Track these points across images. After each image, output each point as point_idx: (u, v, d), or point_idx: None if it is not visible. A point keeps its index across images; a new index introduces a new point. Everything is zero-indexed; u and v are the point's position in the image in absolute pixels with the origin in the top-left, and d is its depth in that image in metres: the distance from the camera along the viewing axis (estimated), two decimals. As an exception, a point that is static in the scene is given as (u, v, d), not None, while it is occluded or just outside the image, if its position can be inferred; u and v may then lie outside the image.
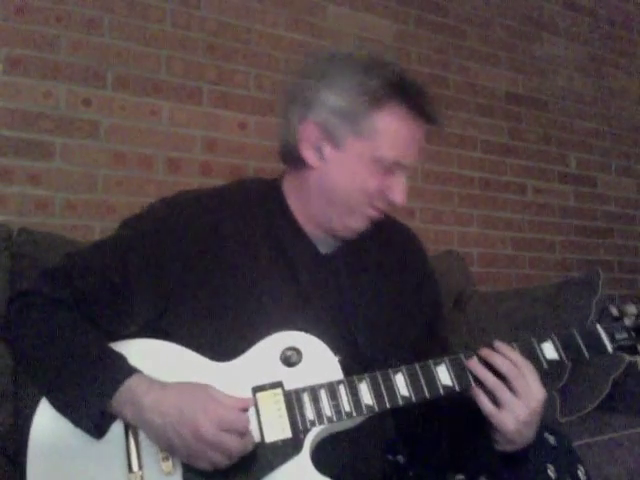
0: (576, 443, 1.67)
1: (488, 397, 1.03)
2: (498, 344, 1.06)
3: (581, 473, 1.09)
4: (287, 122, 1.15)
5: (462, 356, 1.07)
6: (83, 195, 2.08)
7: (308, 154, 1.13)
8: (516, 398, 1.01)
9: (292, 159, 1.16)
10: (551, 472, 1.07)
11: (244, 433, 0.99)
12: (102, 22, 2.16)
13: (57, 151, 2.05)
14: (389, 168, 1.10)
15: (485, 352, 1.06)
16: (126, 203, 2.13)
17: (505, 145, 3.13)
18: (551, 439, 1.12)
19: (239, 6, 2.45)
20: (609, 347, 1.08)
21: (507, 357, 1.04)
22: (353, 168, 1.10)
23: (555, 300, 2.07)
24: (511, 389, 1.02)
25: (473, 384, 1.05)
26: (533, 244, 3.16)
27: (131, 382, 1.00)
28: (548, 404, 1.90)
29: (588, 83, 3.51)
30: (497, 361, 1.04)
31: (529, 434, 1.04)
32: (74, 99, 2.09)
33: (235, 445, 0.97)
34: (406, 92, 1.09)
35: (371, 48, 2.71)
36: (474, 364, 1.05)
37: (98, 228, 2.07)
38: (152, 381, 1.02)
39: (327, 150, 1.11)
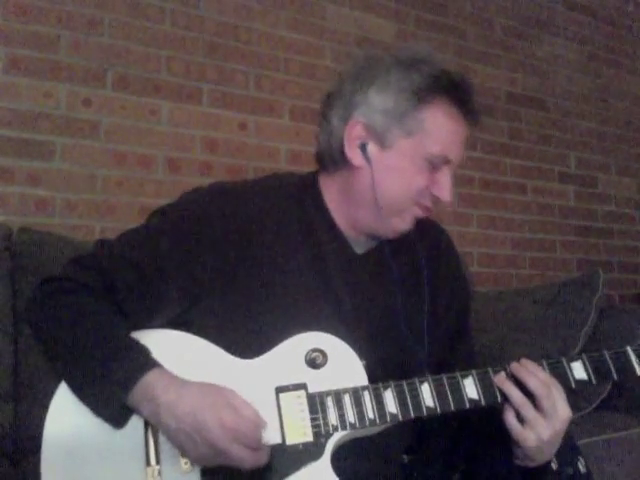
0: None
1: (514, 413, 1.02)
2: (526, 361, 1.05)
3: (581, 465, 1.10)
4: (329, 124, 1.14)
5: (490, 370, 1.05)
6: (83, 195, 2.08)
7: (353, 154, 1.11)
8: (541, 417, 1.00)
9: (334, 161, 1.15)
10: (552, 463, 1.07)
11: (257, 449, 0.97)
12: (102, 22, 2.16)
13: (57, 151, 2.05)
14: (436, 164, 1.10)
15: (514, 368, 1.04)
16: (126, 203, 2.13)
17: (505, 145, 3.13)
18: None
19: (239, 6, 2.45)
20: (638, 371, 1.07)
21: (535, 375, 1.03)
22: (401, 167, 1.10)
23: (555, 300, 2.07)
24: (537, 408, 1.01)
25: (500, 399, 1.03)
26: (533, 244, 3.16)
27: (149, 377, 0.97)
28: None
29: (588, 83, 3.51)
30: (526, 378, 1.02)
31: (549, 452, 1.04)
32: (74, 99, 2.09)
33: (247, 458, 0.95)
34: (450, 87, 1.09)
35: (374, 47, 2.72)
36: (502, 380, 1.04)
37: (98, 228, 2.08)
38: (172, 378, 0.99)
39: (373, 150, 1.10)
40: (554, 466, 1.07)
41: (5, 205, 1.96)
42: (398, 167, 1.10)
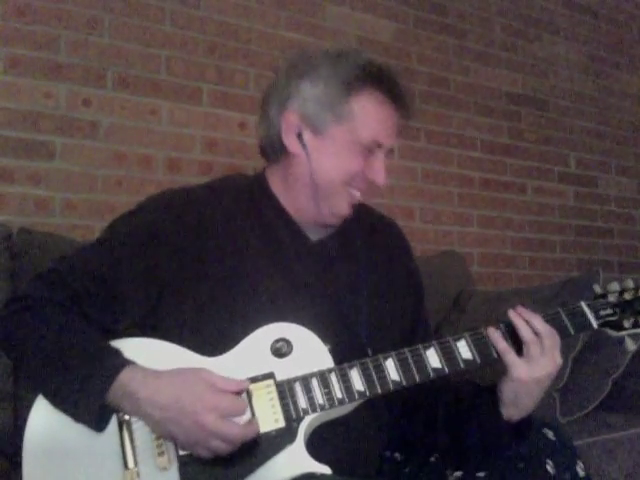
0: (576, 443, 1.66)
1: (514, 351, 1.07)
2: (522, 309, 1.12)
3: (580, 469, 1.09)
4: (267, 117, 1.21)
5: (451, 339, 1.10)
6: (83, 195, 2.08)
7: (290, 142, 1.17)
8: (542, 356, 1.06)
9: (274, 151, 1.21)
10: (550, 467, 1.07)
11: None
12: (102, 22, 2.16)
13: (57, 151, 2.05)
14: (368, 149, 1.16)
15: (513, 316, 1.10)
16: (126, 203, 2.10)
17: (505, 145, 3.13)
18: (550, 434, 1.11)
19: (239, 6, 2.45)
20: (594, 323, 1.12)
21: (535, 319, 1.09)
22: (335, 151, 1.16)
23: (555, 300, 2.07)
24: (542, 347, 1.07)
25: (462, 367, 1.07)
26: (533, 244, 3.16)
27: (123, 376, 1.01)
28: (548, 404, 1.90)
29: (588, 83, 3.51)
30: (534, 321, 1.08)
31: (533, 397, 1.08)
32: (74, 99, 2.09)
33: (236, 432, 0.98)
34: (378, 76, 1.16)
35: (371, 49, 2.72)
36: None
37: (98, 228, 2.07)
38: (145, 372, 1.02)
39: (308, 137, 1.16)
40: (551, 470, 1.07)
41: (5, 205, 1.96)
42: (332, 152, 1.16)
